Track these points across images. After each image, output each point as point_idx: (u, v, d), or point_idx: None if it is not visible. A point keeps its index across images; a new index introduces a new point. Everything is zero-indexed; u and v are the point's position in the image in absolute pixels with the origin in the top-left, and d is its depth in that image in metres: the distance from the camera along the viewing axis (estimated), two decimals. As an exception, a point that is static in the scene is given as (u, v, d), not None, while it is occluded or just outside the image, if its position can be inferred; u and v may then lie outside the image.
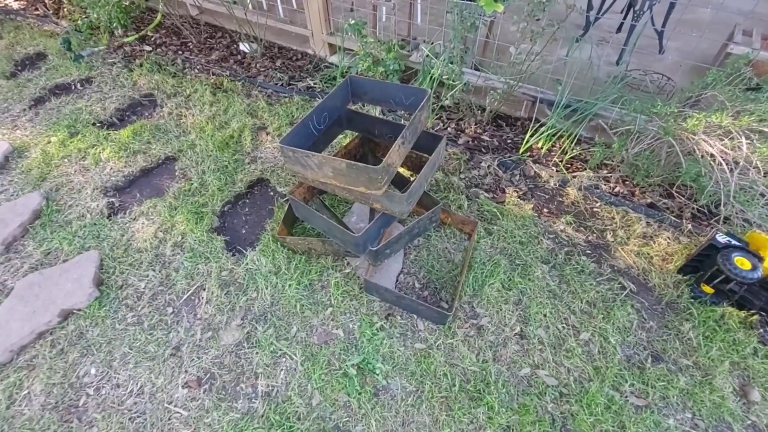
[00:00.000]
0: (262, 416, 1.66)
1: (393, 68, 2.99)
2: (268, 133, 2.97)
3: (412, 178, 2.27)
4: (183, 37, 4.09)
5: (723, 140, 1.94)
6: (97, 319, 1.96)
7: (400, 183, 2.28)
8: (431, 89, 2.91)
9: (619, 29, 3.82)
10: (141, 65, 3.69)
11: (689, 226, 2.25)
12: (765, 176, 1.93)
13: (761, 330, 1.84)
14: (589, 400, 1.67)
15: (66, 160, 2.77)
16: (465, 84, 2.76)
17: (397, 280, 2.06)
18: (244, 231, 2.37)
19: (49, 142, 2.89)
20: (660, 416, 1.64)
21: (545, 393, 1.70)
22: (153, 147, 2.87)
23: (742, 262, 1.78)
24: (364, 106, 3.07)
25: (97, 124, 3.07)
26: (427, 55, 2.91)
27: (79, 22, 3.91)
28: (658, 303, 1.99)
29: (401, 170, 2.41)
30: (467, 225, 2.23)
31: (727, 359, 1.78)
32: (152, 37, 4.11)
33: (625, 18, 3.54)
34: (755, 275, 1.75)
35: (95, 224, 2.39)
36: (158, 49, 3.95)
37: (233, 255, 2.21)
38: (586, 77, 2.70)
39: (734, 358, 1.78)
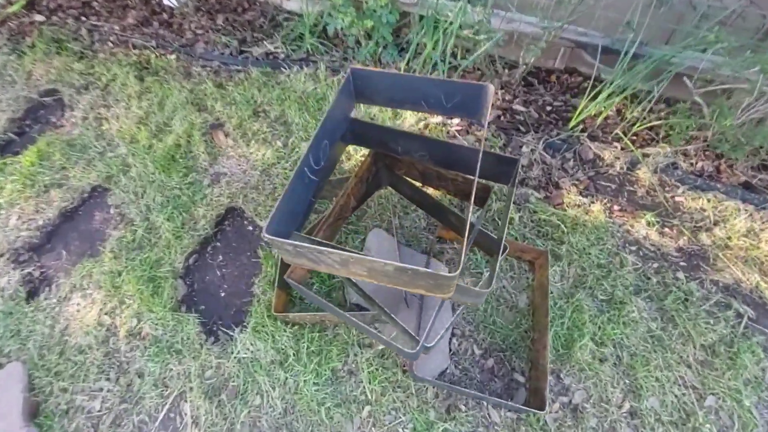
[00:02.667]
0: None
1: (386, 20, 2.09)
2: (227, 134, 2.11)
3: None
4: (81, -7, 2.90)
5: None
6: (38, 477, 1.33)
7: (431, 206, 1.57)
8: (438, 41, 2.06)
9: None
10: (33, 46, 2.59)
11: (803, 211, 1.70)
12: None
13: None
14: (737, 501, 1.23)
15: (-55, 213, 1.89)
16: (497, 37, 1.92)
17: (450, 350, 1.48)
18: (223, 295, 1.67)
19: None
20: (827, 506, 1.23)
21: (677, 495, 1.25)
22: (71, 175, 2.00)
23: None
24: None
25: (-17, 149, 2.13)
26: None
27: None
28: (785, 330, 1.51)
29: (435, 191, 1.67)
30: (529, 253, 1.61)
31: None
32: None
33: None
34: None
35: (11, 314, 1.63)
36: (53, 17, 2.78)
37: (215, 341, 1.54)
38: (659, 14, 1.90)
39: None
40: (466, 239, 0.88)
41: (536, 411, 1.25)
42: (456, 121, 2.05)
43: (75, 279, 1.70)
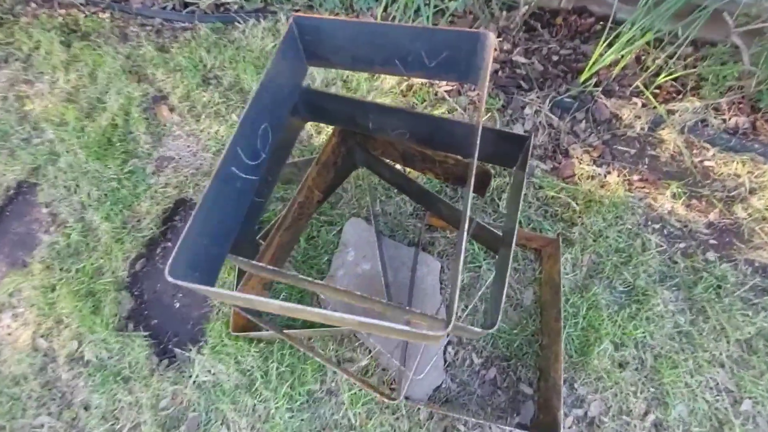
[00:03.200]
0: None
1: (352, -46, 1.68)
2: (172, 109, 1.77)
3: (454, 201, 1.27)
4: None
5: None
6: None
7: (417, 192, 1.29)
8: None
9: None
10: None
11: None
12: None
13: None
14: None
15: None
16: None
17: (445, 362, 1.26)
18: (177, 306, 1.42)
19: None
20: None
21: None
22: (-10, 168, 1.68)
23: None
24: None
25: None
26: None
27: None
28: (833, 316, 1.30)
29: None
30: (535, 241, 1.36)
31: None
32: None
33: None
34: None
35: (-72, 340, 1.39)
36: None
37: (170, 364, 1.31)
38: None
39: None
40: (459, 269, 0.61)
41: (549, 436, 1.06)
42: (445, 79, 1.72)
43: (3, 296, 1.44)
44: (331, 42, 0.93)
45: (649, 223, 1.42)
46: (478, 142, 0.75)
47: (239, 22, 1.96)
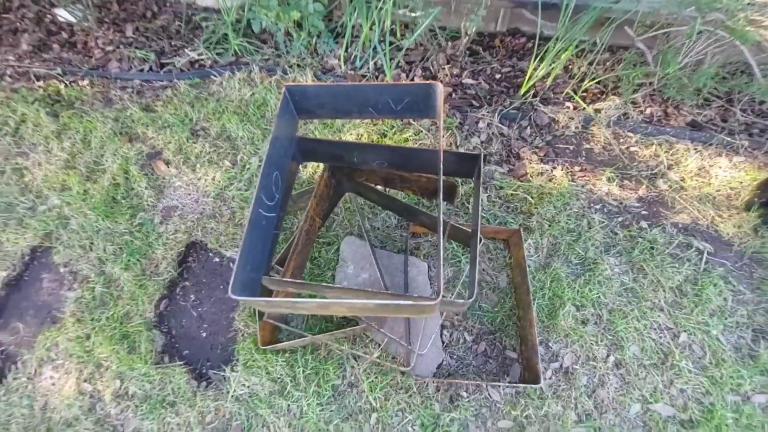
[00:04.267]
0: None
1: (313, 9, 2.04)
2: (167, 162, 2.05)
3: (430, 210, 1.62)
4: (-46, 22, 2.63)
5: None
6: None
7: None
8: (372, 23, 2.05)
9: None
10: None
11: (744, 142, 1.88)
12: None
13: None
14: (717, 421, 1.43)
15: None
16: (436, 12, 1.93)
17: (443, 342, 1.58)
18: (205, 335, 1.69)
19: None
20: (790, 408, 1.46)
21: (665, 428, 1.44)
22: (2, 239, 1.90)
23: None
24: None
25: None
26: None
27: None
28: (740, 259, 1.70)
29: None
30: (503, 233, 1.71)
31: (834, 309, 1.58)
32: None
33: None
34: None
35: (-23, 403, 1.60)
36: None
37: (208, 384, 1.58)
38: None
39: (840, 304, 1.59)
40: (441, 257, 0.95)
41: (533, 385, 1.39)
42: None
43: (40, 352, 1.67)
44: (316, 100, 1.27)
45: (591, 205, 1.81)
46: (441, 165, 1.10)
47: (215, 76, 2.28)
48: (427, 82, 1.20)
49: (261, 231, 1.14)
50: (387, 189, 1.72)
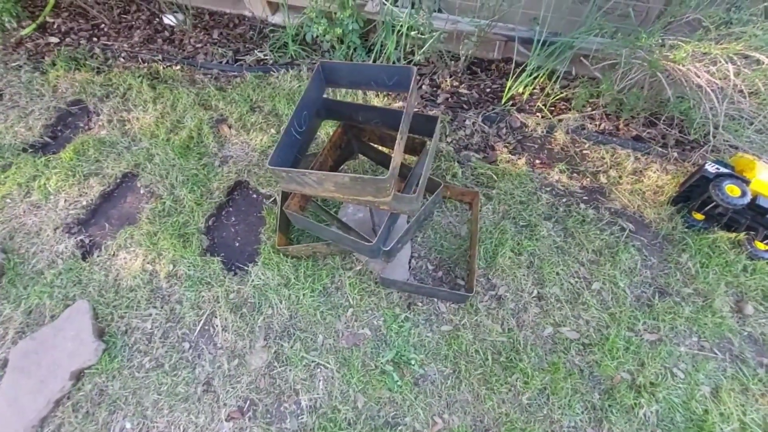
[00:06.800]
0: (314, 430, 1.75)
1: (351, 27, 2.75)
2: (230, 126, 2.75)
3: (410, 164, 2.20)
4: (91, 17, 3.55)
5: (709, 68, 1.97)
6: (113, 372, 1.92)
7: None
8: (396, 43, 2.72)
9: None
10: (54, 64, 3.21)
11: (675, 153, 2.36)
12: (749, 98, 2.01)
13: (749, 247, 2.04)
14: (609, 346, 1.85)
15: (8, 200, 2.49)
16: (438, 35, 2.59)
17: (410, 267, 2.10)
18: (238, 244, 2.29)
19: (-21, 183, 2.57)
20: (672, 346, 1.85)
21: (570, 348, 1.87)
22: (105, 165, 2.62)
23: (732, 190, 1.91)
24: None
25: (29, 150, 2.73)
26: (384, 2, 2.67)
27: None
28: (655, 238, 2.15)
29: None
30: (467, 195, 2.25)
31: (722, 281, 1.98)
32: (53, 23, 3.54)
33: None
34: (745, 201, 1.89)
35: (71, 269, 2.23)
36: (66, 39, 3.43)
37: (235, 274, 2.15)
38: (562, 9, 2.58)
39: (728, 278, 1.99)
40: (397, 143, 1.51)
41: (467, 294, 1.87)
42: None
43: (120, 241, 2.31)
44: (339, 74, 1.90)
45: (543, 187, 2.33)
46: (409, 119, 1.68)
47: (274, 72, 3.01)
48: (407, 66, 1.81)
49: (291, 140, 1.74)
50: (384, 147, 2.31)
